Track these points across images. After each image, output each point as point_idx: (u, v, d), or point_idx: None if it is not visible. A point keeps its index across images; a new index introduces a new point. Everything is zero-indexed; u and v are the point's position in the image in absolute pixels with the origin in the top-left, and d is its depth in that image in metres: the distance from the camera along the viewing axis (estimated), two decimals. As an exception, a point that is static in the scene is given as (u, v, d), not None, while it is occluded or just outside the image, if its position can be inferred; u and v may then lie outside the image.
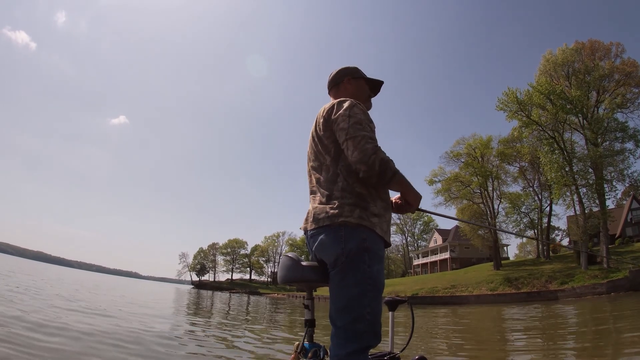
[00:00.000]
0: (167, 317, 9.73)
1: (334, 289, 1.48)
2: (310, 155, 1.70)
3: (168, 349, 4.79)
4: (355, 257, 1.44)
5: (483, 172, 36.27)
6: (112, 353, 4.05)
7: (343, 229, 1.47)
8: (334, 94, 1.89)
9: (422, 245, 72.02)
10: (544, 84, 27.07)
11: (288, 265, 1.67)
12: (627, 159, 26.80)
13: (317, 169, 1.64)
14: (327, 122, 1.61)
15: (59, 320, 5.69)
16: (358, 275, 1.43)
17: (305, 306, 1.70)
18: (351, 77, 1.88)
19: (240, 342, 6.12)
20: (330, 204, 1.52)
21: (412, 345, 5.63)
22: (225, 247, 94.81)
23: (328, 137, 1.60)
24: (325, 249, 1.49)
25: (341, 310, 1.43)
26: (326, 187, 1.57)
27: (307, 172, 1.73)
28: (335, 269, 1.47)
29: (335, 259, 1.46)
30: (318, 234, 1.52)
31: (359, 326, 1.40)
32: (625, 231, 39.88)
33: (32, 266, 43.47)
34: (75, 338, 4.51)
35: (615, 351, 5.29)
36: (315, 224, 1.54)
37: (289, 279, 1.67)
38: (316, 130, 1.67)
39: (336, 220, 1.47)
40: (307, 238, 1.62)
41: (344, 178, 1.55)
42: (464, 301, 27.14)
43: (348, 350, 1.39)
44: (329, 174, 1.59)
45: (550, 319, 11.79)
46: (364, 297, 1.42)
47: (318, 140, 1.65)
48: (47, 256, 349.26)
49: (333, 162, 1.58)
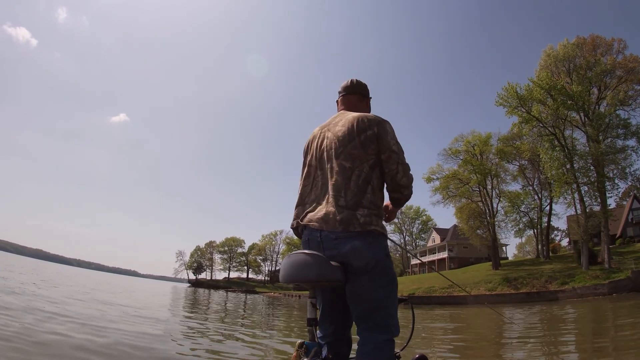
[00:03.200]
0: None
1: (365, 289, 1.59)
2: (338, 153, 1.70)
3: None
4: (382, 262, 1.61)
5: (482, 169, 35.70)
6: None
7: (372, 237, 1.60)
8: (356, 102, 1.94)
9: (420, 244, 71.55)
10: (545, 79, 26.52)
11: (311, 263, 1.56)
12: (629, 156, 26.32)
13: (349, 169, 1.66)
14: (376, 135, 1.68)
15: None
16: (385, 278, 1.62)
17: (312, 305, 1.67)
18: (370, 99, 2.03)
19: (240, 342, 5.97)
20: (359, 211, 1.61)
21: (413, 344, 5.54)
22: (223, 246, 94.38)
23: (373, 148, 1.67)
24: (359, 253, 1.57)
25: (374, 309, 1.59)
26: (355, 192, 1.63)
27: (323, 167, 1.75)
28: (366, 273, 1.58)
29: (367, 263, 1.57)
30: (347, 238, 1.58)
31: (388, 320, 1.59)
32: (626, 231, 39.56)
33: (29, 264, 42.80)
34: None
35: (618, 354, 4.99)
36: (342, 228, 1.59)
37: (314, 277, 1.55)
38: (358, 134, 1.68)
39: (368, 227, 1.59)
40: (319, 237, 1.64)
41: (372, 189, 1.66)
42: (462, 301, 26.66)
43: (384, 337, 1.56)
44: (359, 180, 1.65)
45: (551, 320, 11.41)
46: (390, 296, 1.64)
47: (360, 145, 1.67)
48: (46, 254, 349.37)
49: (369, 171, 1.67)
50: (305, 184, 1.82)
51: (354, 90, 1.96)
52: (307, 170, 1.83)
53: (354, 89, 1.96)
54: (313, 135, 1.88)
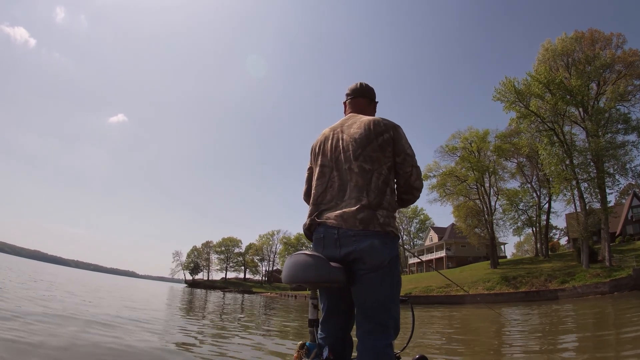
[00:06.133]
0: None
1: (374, 288, 1.59)
2: (357, 155, 1.71)
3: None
4: (393, 263, 1.63)
5: (479, 166, 35.17)
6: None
7: (389, 238, 1.63)
8: (364, 105, 1.96)
9: (418, 243, 71.01)
10: (543, 73, 25.98)
11: (312, 264, 1.56)
12: (629, 151, 25.73)
13: (369, 172, 1.68)
14: (392, 139, 1.72)
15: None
16: (392, 279, 1.62)
17: (314, 306, 1.69)
18: (376, 103, 2.05)
19: (240, 341, 6.01)
20: (379, 212, 1.63)
21: (412, 344, 5.49)
22: (220, 246, 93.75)
23: (390, 151, 1.71)
24: (376, 251, 1.59)
25: (378, 308, 1.58)
26: (377, 193, 1.65)
27: (340, 168, 1.75)
28: (376, 271, 1.59)
29: (380, 262, 1.59)
30: (366, 236, 1.59)
31: (391, 322, 1.59)
32: (626, 229, 39.14)
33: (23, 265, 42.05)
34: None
35: (618, 355, 4.86)
36: (362, 227, 1.60)
37: (314, 278, 1.56)
38: (376, 137, 1.71)
39: (387, 228, 1.62)
40: (336, 234, 1.64)
41: (391, 191, 1.71)
42: (459, 301, 26.13)
43: (385, 342, 1.55)
44: (379, 182, 1.67)
45: (551, 319, 10.97)
46: (394, 297, 1.64)
47: (379, 148, 1.70)
48: (44, 255, 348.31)
49: (388, 173, 1.71)
50: (318, 184, 1.80)
51: (362, 94, 1.97)
52: (320, 171, 1.81)
53: (363, 92, 1.97)
54: (324, 136, 1.86)
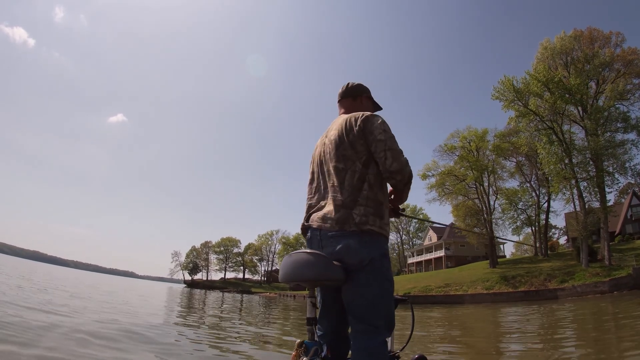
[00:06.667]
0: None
1: (358, 288, 1.59)
2: (332, 156, 1.76)
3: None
4: (377, 262, 1.61)
5: (478, 166, 35.01)
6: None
7: (367, 236, 1.61)
8: (349, 105, 2.00)
9: (417, 243, 70.85)
10: (542, 72, 25.84)
11: (312, 262, 1.58)
12: (629, 150, 25.62)
13: (342, 170, 1.70)
14: (362, 131, 1.71)
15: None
16: (379, 277, 1.61)
17: (312, 304, 1.69)
18: (367, 97, 2.05)
19: (240, 341, 6.04)
20: (355, 210, 1.63)
21: (412, 343, 5.52)
22: (218, 246, 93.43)
23: (362, 145, 1.70)
24: (352, 252, 1.58)
25: (368, 307, 1.58)
26: (350, 191, 1.66)
27: (322, 172, 1.82)
28: (359, 271, 1.59)
29: (360, 261, 1.58)
30: (342, 237, 1.61)
31: (381, 322, 1.58)
32: (625, 228, 39.06)
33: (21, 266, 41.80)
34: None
35: (618, 355, 4.80)
36: (338, 227, 1.62)
37: (313, 277, 1.58)
38: (346, 135, 1.73)
39: (363, 227, 1.60)
40: (319, 236, 1.68)
41: (369, 186, 1.68)
42: (458, 300, 26.01)
43: (377, 342, 1.55)
44: (354, 179, 1.68)
45: (551, 319, 10.85)
46: (384, 296, 1.62)
47: (349, 145, 1.71)
48: (43, 255, 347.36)
49: (363, 169, 1.69)
50: (309, 189, 1.89)
51: (346, 94, 2.02)
52: (310, 177, 1.92)
53: (347, 93, 2.03)
54: (316, 145, 1.96)
